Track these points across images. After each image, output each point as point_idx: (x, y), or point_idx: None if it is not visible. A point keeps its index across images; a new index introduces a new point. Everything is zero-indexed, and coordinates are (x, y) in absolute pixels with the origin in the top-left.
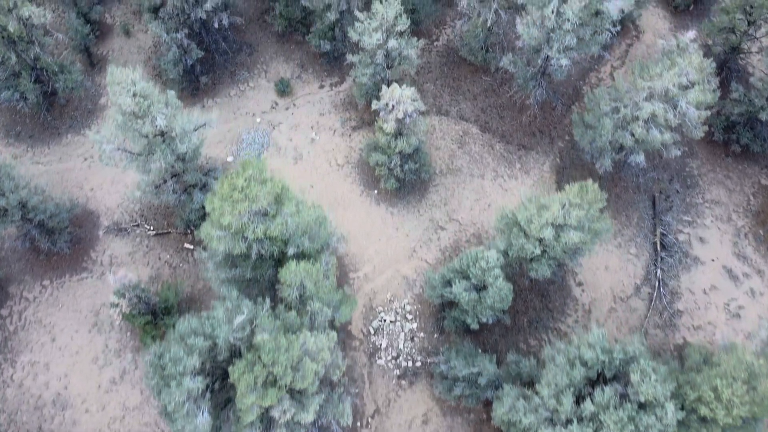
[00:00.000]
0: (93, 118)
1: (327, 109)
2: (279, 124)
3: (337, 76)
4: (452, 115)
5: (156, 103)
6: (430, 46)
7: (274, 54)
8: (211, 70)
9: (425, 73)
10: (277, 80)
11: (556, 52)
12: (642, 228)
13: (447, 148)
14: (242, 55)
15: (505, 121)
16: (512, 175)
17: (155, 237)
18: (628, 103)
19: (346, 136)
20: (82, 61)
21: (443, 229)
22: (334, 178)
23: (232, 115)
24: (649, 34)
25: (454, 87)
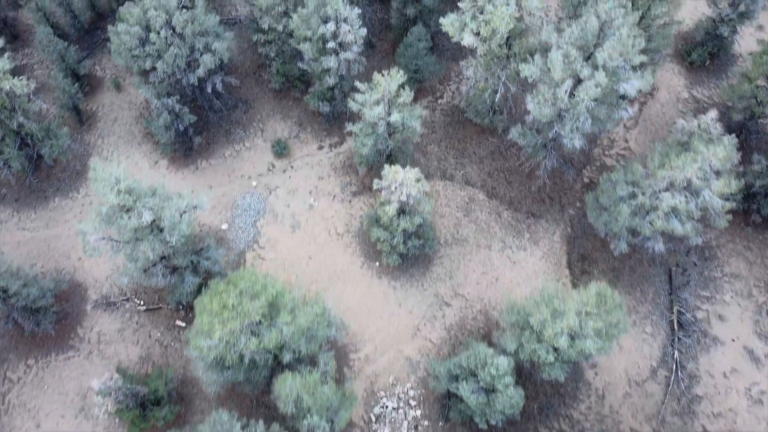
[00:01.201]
0: (81, 180)
1: (326, 173)
2: (276, 189)
3: (337, 136)
4: (457, 180)
5: (142, 197)
6: (434, 104)
7: (271, 111)
8: (205, 128)
9: (429, 134)
10: (273, 140)
11: (569, 131)
12: (658, 304)
13: (452, 216)
14: (238, 113)
15: (513, 186)
16: (521, 245)
17: (145, 312)
18: (645, 190)
19: (346, 202)
20: (70, 118)
21: (448, 305)
22: (333, 248)
23: (226, 178)
24: (663, 92)
25: (459, 149)
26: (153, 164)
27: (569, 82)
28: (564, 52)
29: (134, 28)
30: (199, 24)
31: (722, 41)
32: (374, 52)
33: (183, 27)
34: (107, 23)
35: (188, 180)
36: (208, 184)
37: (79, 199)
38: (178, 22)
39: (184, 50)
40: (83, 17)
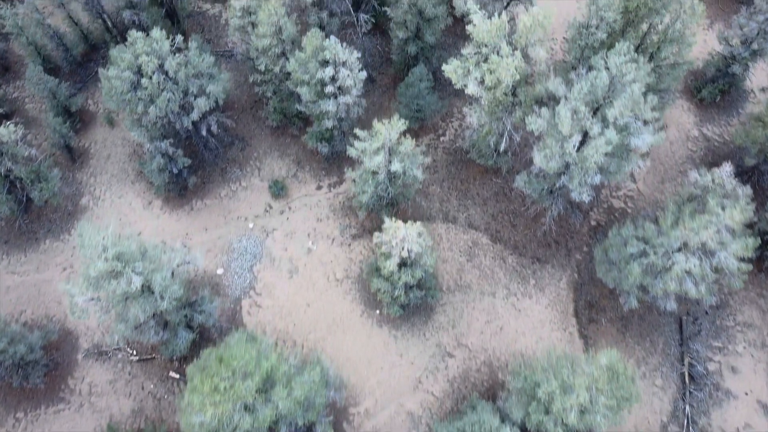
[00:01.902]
0: (73, 221)
1: (325, 214)
2: (273, 231)
3: (336, 176)
4: (460, 223)
5: (132, 262)
6: (436, 142)
7: (268, 149)
8: (200, 166)
9: (431, 173)
10: (271, 179)
11: (577, 184)
12: (668, 355)
13: (455, 261)
14: (234, 150)
15: (517, 229)
16: (526, 292)
17: (138, 363)
18: (658, 249)
19: (345, 245)
20: (61, 156)
21: (451, 356)
22: (332, 295)
23: (222, 220)
24: (672, 129)
25: (463, 190)
26: (146, 204)
27: (578, 137)
28: (572, 108)
29: (125, 72)
30: (193, 67)
31: (734, 78)
32: (374, 87)
33: (176, 71)
34: (100, 55)
35: (183, 221)
36: (203, 225)
37: (71, 241)
38: (170, 66)
39: (177, 94)
40: (75, 51)
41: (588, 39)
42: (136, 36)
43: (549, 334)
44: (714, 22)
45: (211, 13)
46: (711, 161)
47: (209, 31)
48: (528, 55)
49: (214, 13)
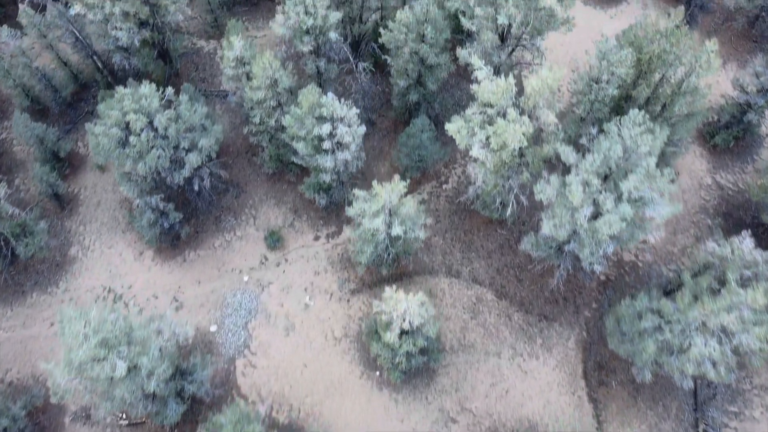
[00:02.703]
0: (61, 272)
1: (323, 267)
2: (269, 285)
3: (335, 225)
4: (464, 277)
5: (116, 347)
6: (438, 190)
7: (264, 196)
8: (194, 215)
9: (433, 224)
10: (267, 229)
11: (587, 255)
12: (682, 421)
13: (458, 318)
14: (228, 197)
15: (523, 284)
16: (532, 353)
17: (128, 428)
18: (674, 326)
19: (344, 301)
20: (50, 203)
21: (455, 422)
22: (330, 354)
23: (216, 272)
24: (684, 177)
25: (466, 242)
26: (137, 255)
27: (589, 208)
28: (584, 180)
29: (113, 129)
30: (184, 121)
31: (749, 125)
32: (374, 130)
33: (166, 127)
34: (91, 94)
35: (175, 274)
36: (196, 278)
37: (59, 294)
38: (160, 123)
39: (167, 150)
40: (65, 92)
41: (598, 93)
42: (123, 92)
43: (557, 397)
44: (727, 61)
45: (206, 50)
46: (725, 211)
47: (203, 69)
48: (536, 117)
49: (209, 50)
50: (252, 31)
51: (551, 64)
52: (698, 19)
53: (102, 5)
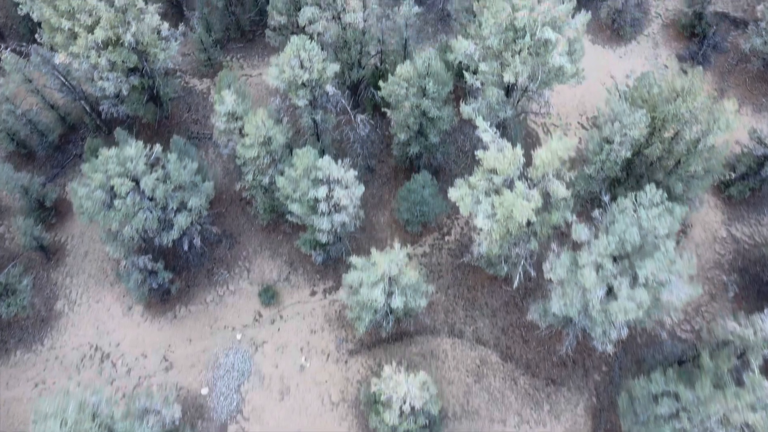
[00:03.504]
0: (47, 328)
1: (319, 325)
2: (263, 344)
3: (332, 280)
4: (467, 337)
5: None
6: (441, 242)
7: (258, 247)
8: (185, 267)
9: (435, 278)
10: (261, 283)
11: (599, 334)
12: None
13: (461, 382)
14: (221, 249)
15: (530, 346)
16: (540, 420)
17: None
18: (693, 415)
19: (341, 362)
20: (35, 254)
21: None
22: (327, 420)
23: (208, 330)
24: (698, 229)
25: (469, 299)
26: (126, 310)
27: (602, 289)
28: (596, 262)
29: (97, 192)
30: (172, 182)
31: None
32: (374, 177)
33: (153, 189)
34: (80, 136)
35: (165, 331)
36: (187, 336)
37: (44, 352)
38: (146, 185)
39: (155, 212)
40: (51, 135)
41: (610, 154)
42: (108, 155)
43: None
44: (742, 104)
45: (199, 89)
46: (741, 267)
47: (196, 110)
48: (545, 188)
49: (202, 89)
50: (247, 69)
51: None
52: (711, 59)
53: (87, 55)
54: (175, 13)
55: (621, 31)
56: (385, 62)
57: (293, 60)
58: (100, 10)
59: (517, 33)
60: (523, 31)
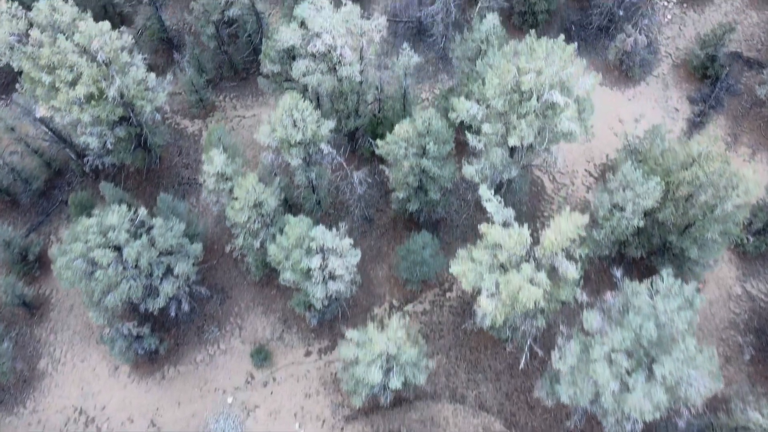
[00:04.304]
0: (29, 389)
1: (314, 388)
2: (255, 408)
3: (328, 339)
4: (469, 403)
5: None
6: (442, 299)
7: (250, 302)
8: (174, 324)
9: (436, 339)
10: (253, 341)
11: (612, 423)
12: None
13: None
14: (212, 304)
15: (535, 413)
16: None
17: None
18: None
19: (337, 429)
20: (18, 309)
21: None
22: None
23: (197, 392)
24: (712, 285)
25: (472, 361)
26: (113, 370)
27: (615, 384)
28: (609, 356)
29: (77, 261)
30: (157, 248)
31: None
32: (372, 228)
33: (137, 258)
34: (66, 181)
35: (153, 393)
36: (176, 399)
37: (26, 416)
38: (130, 255)
39: (139, 280)
40: (36, 183)
41: (621, 222)
42: (88, 224)
43: None
44: (756, 151)
45: (190, 131)
46: (757, 327)
47: (187, 154)
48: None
49: (194, 132)
50: (240, 110)
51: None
52: (724, 102)
53: (69, 109)
54: (167, 49)
55: (630, 72)
56: (383, 109)
57: (286, 119)
58: (81, 66)
59: (523, 95)
60: (529, 93)
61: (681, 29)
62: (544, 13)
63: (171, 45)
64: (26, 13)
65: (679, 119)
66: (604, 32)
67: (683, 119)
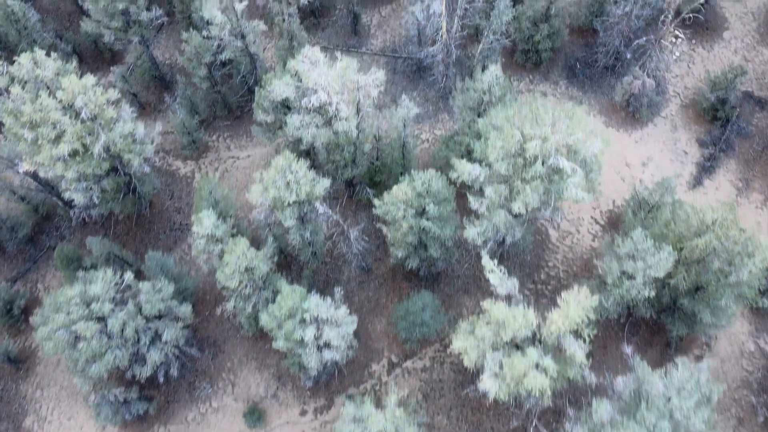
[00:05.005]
0: None
1: None
2: None
3: (324, 397)
4: None
5: None
6: (442, 355)
7: (243, 357)
8: (165, 380)
9: (436, 398)
10: (246, 399)
11: None
12: None
13: None
14: (204, 359)
15: None
16: None
17: None
18: None
19: None
20: (4, 366)
21: None
22: None
23: None
24: (723, 342)
25: (474, 422)
26: (100, 430)
27: None
28: None
29: (60, 332)
30: (144, 315)
31: None
32: (370, 278)
33: (122, 329)
34: (54, 225)
35: None
36: None
37: None
38: (114, 327)
39: (125, 349)
40: (22, 231)
41: (631, 292)
42: (70, 296)
43: None
44: None
45: (182, 173)
46: None
47: (179, 197)
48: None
49: (186, 173)
50: (234, 150)
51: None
52: (735, 145)
53: (53, 166)
54: (158, 85)
55: (637, 113)
56: (381, 157)
57: (279, 180)
58: (64, 124)
59: (527, 160)
60: (534, 158)
61: (690, 67)
62: (548, 51)
63: (163, 81)
64: (6, 66)
65: (688, 163)
66: (610, 70)
67: (692, 163)
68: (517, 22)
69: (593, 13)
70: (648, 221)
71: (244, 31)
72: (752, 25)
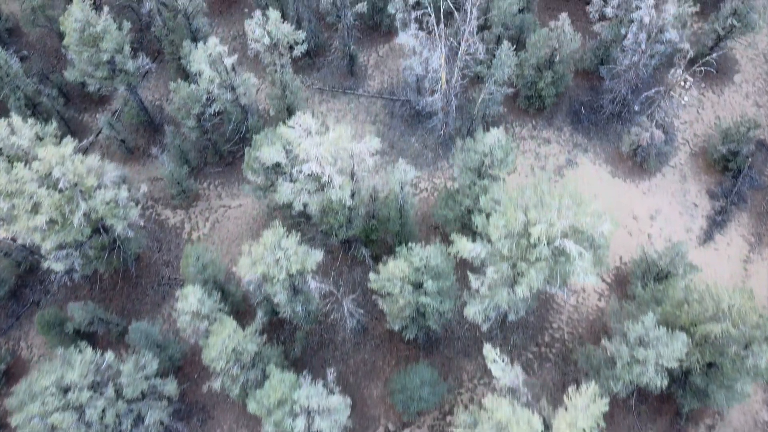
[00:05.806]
0: None
1: None
2: None
3: None
4: None
5: None
6: (442, 423)
7: (234, 423)
8: None
9: None
10: None
11: None
12: None
13: None
14: (192, 425)
15: None
16: None
17: None
18: None
19: None
20: None
21: None
22: None
23: None
24: (736, 412)
25: None
26: None
27: None
28: None
29: (35, 420)
30: (126, 398)
31: None
32: (365, 339)
33: (102, 416)
34: (38, 278)
35: None
36: None
37: None
38: (92, 415)
39: None
40: (3, 289)
41: (641, 377)
42: (44, 386)
43: None
44: None
45: (172, 223)
46: None
47: (168, 249)
48: None
49: (176, 223)
50: (226, 198)
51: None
52: (747, 197)
53: (31, 235)
54: (147, 128)
55: (644, 163)
56: (377, 216)
57: (268, 256)
58: (41, 195)
59: (531, 242)
60: (539, 239)
61: (699, 113)
62: (551, 97)
63: (152, 124)
64: None
65: (698, 216)
66: (617, 117)
67: (702, 216)
68: (520, 68)
69: (599, 58)
70: (657, 292)
71: (234, 84)
72: (764, 67)
